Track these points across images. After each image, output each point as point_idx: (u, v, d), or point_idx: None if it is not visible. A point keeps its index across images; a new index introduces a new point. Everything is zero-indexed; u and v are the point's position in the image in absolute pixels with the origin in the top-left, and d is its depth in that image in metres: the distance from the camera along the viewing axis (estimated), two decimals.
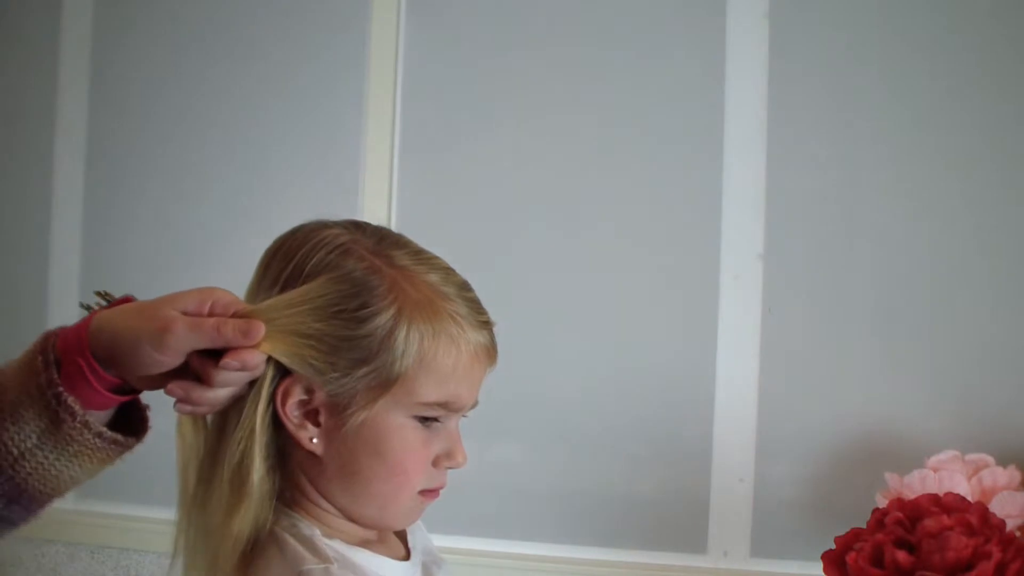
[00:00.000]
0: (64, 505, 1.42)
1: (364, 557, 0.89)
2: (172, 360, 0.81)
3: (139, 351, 0.79)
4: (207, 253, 1.85)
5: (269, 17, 1.87)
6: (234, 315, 0.82)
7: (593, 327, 1.71)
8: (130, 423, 0.86)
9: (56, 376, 0.80)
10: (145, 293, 0.87)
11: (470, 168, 1.78)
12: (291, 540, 0.86)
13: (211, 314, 0.81)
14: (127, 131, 1.93)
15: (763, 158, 1.65)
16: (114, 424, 0.84)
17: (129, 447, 0.85)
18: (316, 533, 0.87)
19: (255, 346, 0.82)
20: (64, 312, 1.92)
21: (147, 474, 1.43)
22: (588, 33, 1.73)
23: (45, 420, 0.80)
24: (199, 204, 1.89)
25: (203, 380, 0.82)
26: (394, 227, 0.95)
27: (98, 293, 0.87)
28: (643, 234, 1.70)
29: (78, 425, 0.80)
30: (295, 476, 0.89)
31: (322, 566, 0.83)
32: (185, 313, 0.80)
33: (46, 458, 0.81)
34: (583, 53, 1.74)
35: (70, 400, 0.80)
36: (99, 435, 0.82)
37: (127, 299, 0.86)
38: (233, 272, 0.92)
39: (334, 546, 0.87)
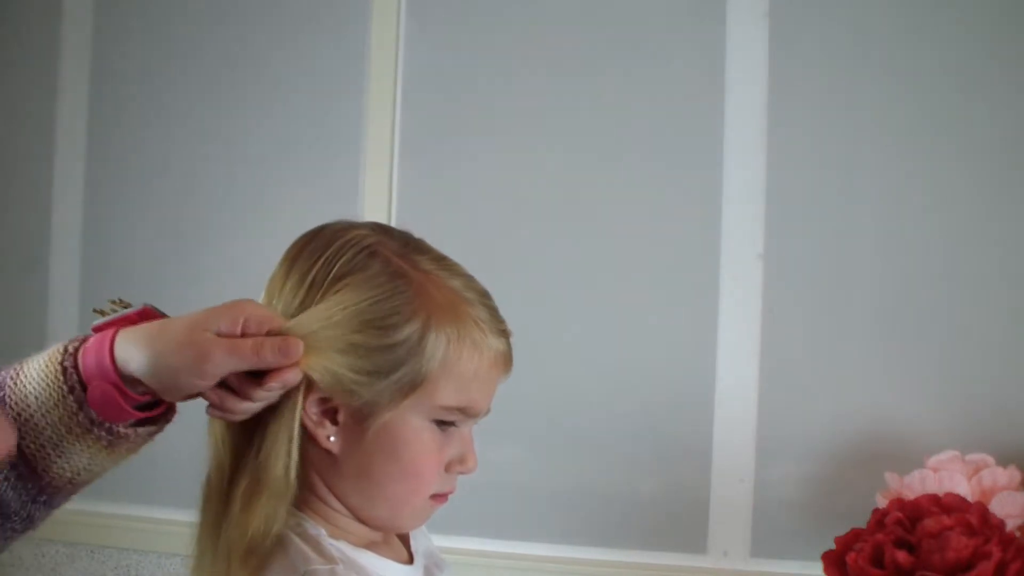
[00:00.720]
0: (64, 505, 1.43)
1: (369, 559, 0.89)
2: (210, 384, 0.81)
3: (177, 380, 0.80)
4: (207, 253, 1.85)
5: (269, 17, 1.87)
6: (268, 332, 0.82)
7: (593, 327, 1.71)
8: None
9: (95, 415, 0.80)
10: (146, 293, 0.87)
11: (470, 168, 1.78)
12: (297, 540, 0.86)
13: (245, 333, 0.81)
14: (127, 131, 1.93)
15: (763, 158, 1.65)
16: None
17: (161, 430, 0.87)
18: (322, 533, 0.87)
19: (294, 364, 0.82)
20: (64, 312, 1.92)
21: (148, 474, 1.43)
22: (588, 33, 1.74)
23: (96, 448, 0.82)
24: (199, 205, 1.89)
25: (240, 395, 0.83)
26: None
27: (113, 302, 0.86)
28: (643, 234, 1.70)
29: (130, 442, 0.82)
30: (307, 475, 0.89)
31: (327, 567, 0.83)
32: (219, 334, 0.80)
33: (101, 466, 0.84)
34: (583, 53, 1.74)
35: (123, 430, 0.81)
36: (147, 436, 0.84)
37: (146, 310, 0.85)
38: (234, 272, 0.92)
39: (339, 547, 0.87)
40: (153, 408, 0.84)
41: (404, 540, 0.98)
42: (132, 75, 1.93)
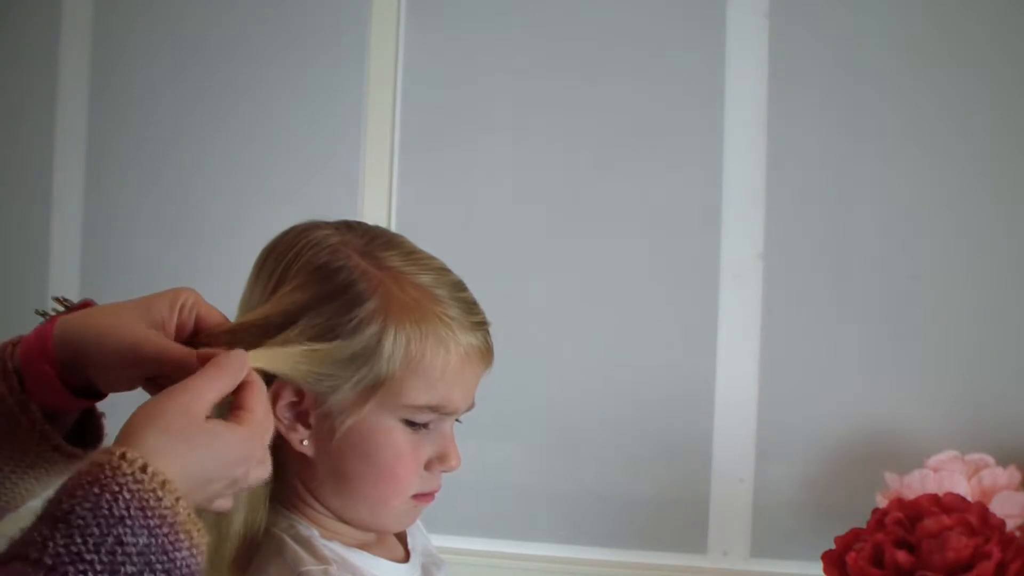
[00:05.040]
0: None
1: (362, 559, 0.89)
2: (143, 373, 0.78)
3: (112, 361, 0.77)
4: (207, 254, 1.85)
5: (269, 17, 1.87)
6: (208, 332, 0.80)
7: (593, 327, 1.71)
8: (85, 433, 0.83)
9: (17, 384, 0.77)
10: (146, 292, 0.86)
11: (470, 167, 1.78)
12: (289, 541, 0.85)
13: (182, 321, 0.79)
14: (127, 131, 1.93)
15: (763, 158, 1.65)
16: (70, 435, 0.82)
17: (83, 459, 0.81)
18: (315, 534, 0.87)
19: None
20: None
21: None
22: (588, 33, 1.74)
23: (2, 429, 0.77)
24: (199, 205, 1.89)
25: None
26: (394, 227, 0.95)
27: (56, 299, 0.84)
28: (643, 234, 1.70)
29: (36, 435, 0.78)
30: (288, 478, 0.88)
31: (321, 567, 0.83)
32: (158, 324, 0.78)
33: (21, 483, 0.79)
34: (583, 53, 1.74)
35: (32, 407, 0.77)
36: (56, 448, 0.79)
37: (86, 304, 0.83)
38: (234, 273, 0.92)
39: (332, 547, 0.86)
40: (91, 397, 0.81)
41: (401, 538, 0.98)
42: (132, 75, 1.93)
